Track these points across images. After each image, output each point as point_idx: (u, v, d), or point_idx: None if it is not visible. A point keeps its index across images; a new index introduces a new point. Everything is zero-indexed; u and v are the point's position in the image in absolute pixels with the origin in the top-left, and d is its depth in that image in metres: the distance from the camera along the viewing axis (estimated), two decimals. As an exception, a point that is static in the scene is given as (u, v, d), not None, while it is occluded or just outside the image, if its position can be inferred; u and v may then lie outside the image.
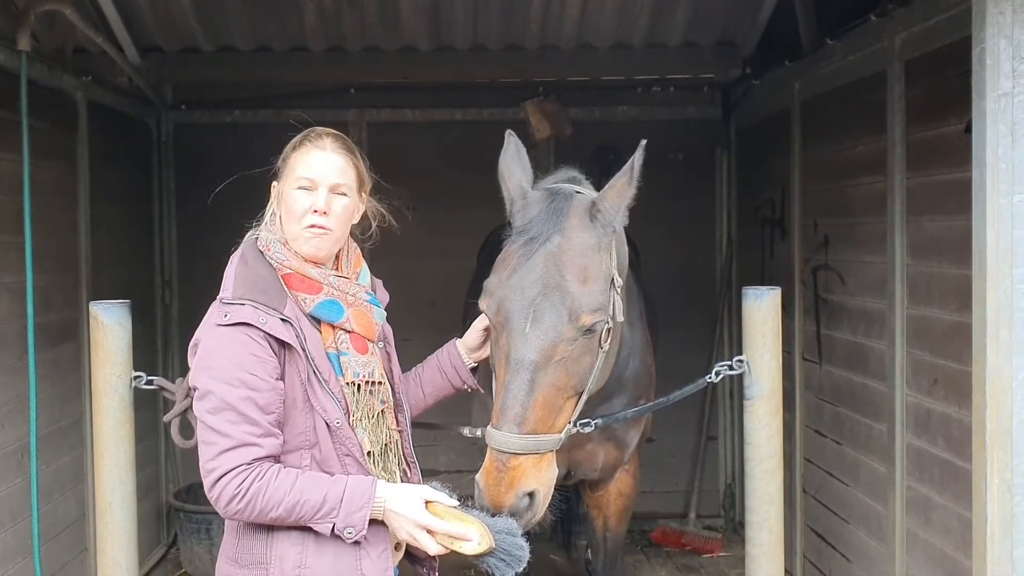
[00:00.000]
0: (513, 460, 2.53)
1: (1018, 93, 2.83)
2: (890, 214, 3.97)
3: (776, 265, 5.52)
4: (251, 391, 2.19)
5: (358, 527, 2.20)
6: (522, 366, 2.56)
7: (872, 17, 4.06)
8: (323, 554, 2.24)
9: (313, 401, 2.27)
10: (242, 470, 2.17)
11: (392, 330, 2.62)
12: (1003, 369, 2.86)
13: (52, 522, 4.53)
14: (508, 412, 2.55)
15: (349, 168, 2.39)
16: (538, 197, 2.83)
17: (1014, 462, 2.88)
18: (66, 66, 4.87)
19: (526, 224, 2.75)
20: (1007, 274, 2.85)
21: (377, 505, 2.22)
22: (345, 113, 6.28)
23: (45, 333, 4.45)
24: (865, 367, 4.32)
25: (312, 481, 2.21)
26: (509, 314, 2.63)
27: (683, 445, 6.48)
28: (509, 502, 2.53)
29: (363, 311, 2.41)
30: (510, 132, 2.94)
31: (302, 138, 2.41)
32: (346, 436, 2.29)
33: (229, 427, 2.17)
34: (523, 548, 2.33)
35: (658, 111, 6.40)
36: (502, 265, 2.73)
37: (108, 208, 5.30)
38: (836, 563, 4.73)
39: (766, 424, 3.22)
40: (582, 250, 2.70)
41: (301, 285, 2.33)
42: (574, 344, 2.63)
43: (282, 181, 2.41)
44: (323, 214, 2.32)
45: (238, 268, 2.34)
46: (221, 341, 2.23)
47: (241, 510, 2.18)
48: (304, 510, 2.19)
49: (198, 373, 2.25)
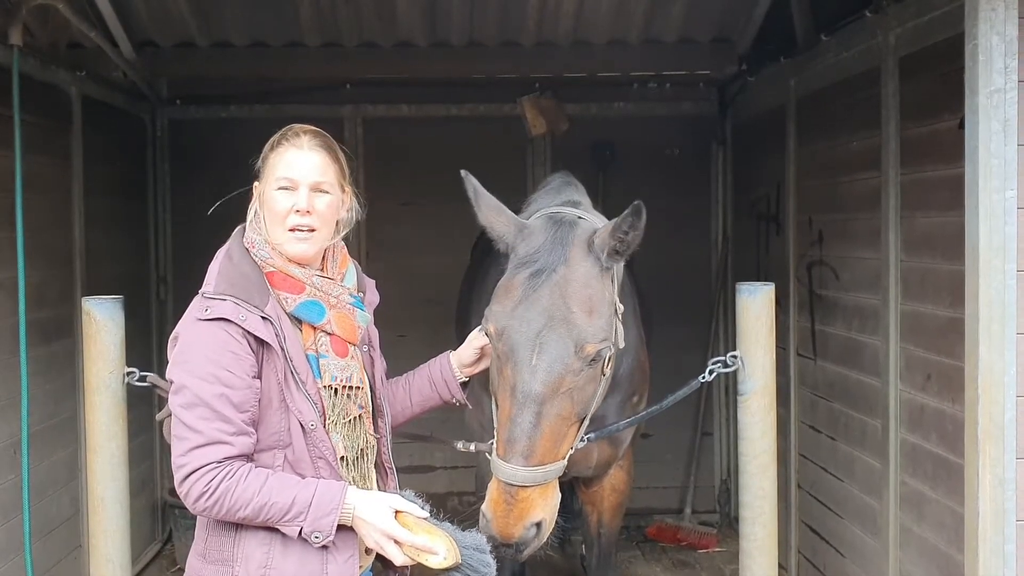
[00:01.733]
0: (522, 492, 2.55)
1: (1010, 89, 2.84)
2: (884, 210, 3.97)
3: (771, 261, 5.52)
4: (226, 388, 2.18)
5: (325, 532, 2.20)
6: (529, 398, 2.57)
7: (867, 14, 4.06)
8: (289, 556, 2.23)
9: (289, 402, 2.25)
10: (212, 468, 2.16)
11: (382, 330, 2.61)
12: (995, 364, 2.87)
13: (46, 519, 4.53)
14: (516, 445, 2.55)
15: (329, 165, 2.36)
16: (540, 226, 2.80)
17: (1006, 457, 2.89)
18: (60, 61, 4.85)
19: (530, 254, 2.72)
20: (999, 269, 2.86)
21: (346, 511, 2.22)
22: (341, 109, 6.28)
23: (39, 329, 4.44)
24: (859, 363, 4.33)
25: (282, 483, 2.20)
26: (515, 345, 2.62)
27: (679, 441, 6.49)
28: (518, 534, 2.56)
29: (345, 314, 2.38)
30: (466, 174, 2.85)
31: (279, 137, 2.38)
32: (320, 439, 2.28)
33: (202, 423, 2.16)
34: (490, 565, 2.31)
35: (654, 107, 6.40)
36: (505, 294, 2.71)
37: (102, 204, 5.29)
38: (831, 558, 4.74)
39: (760, 419, 3.23)
40: (586, 280, 2.69)
41: (284, 284, 2.31)
42: (580, 375, 2.63)
43: (262, 182, 2.38)
44: (306, 213, 2.30)
45: (222, 264, 2.33)
46: (200, 336, 2.22)
47: (209, 508, 2.18)
48: (272, 512, 2.18)
49: (175, 367, 2.24)
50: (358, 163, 6.31)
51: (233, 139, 5.31)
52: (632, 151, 6.32)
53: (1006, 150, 2.86)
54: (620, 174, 6.18)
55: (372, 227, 6.25)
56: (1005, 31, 2.83)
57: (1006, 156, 2.86)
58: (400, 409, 2.71)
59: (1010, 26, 2.83)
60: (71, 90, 4.92)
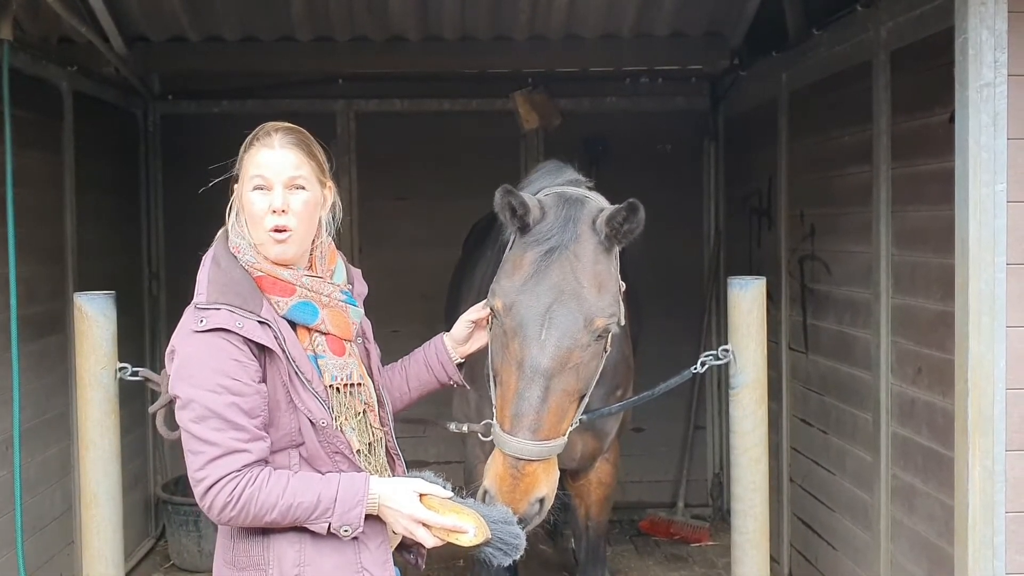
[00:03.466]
0: (528, 467, 2.55)
1: (1000, 83, 2.85)
2: (875, 204, 3.98)
3: (763, 255, 5.53)
4: (235, 396, 2.16)
5: (354, 525, 2.20)
6: (538, 372, 2.57)
7: (858, 7, 4.06)
8: (322, 550, 2.23)
9: (296, 402, 2.24)
10: (232, 477, 2.14)
11: (376, 326, 2.60)
12: (985, 357, 2.88)
13: (38, 515, 4.52)
14: (524, 419, 2.55)
15: (304, 161, 2.32)
16: (549, 203, 2.80)
17: (995, 450, 2.90)
18: (51, 56, 4.84)
19: (543, 231, 2.72)
20: (989, 263, 2.87)
21: (371, 502, 2.22)
22: (333, 103, 6.27)
23: (31, 325, 4.43)
24: (851, 356, 4.34)
25: (304, 482, 2.19)
26: (524, 320, 2.62)
27: (671, 435, 6.50)
28: (524, 509, 2.56)
29: (339, 311, 2.36)
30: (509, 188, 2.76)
31: (252, 137, 2.35)
32: (333, 435, 2.27)
33: (216, 435, 2.14)
34: (519, 536, 2.33)
35: (647, 102, 6.41)
36: (515, 269, 2.70)
37: (94, 199, 5.28)
38: (823, 551, 4.76)
39: (751, 413, 3.24)
40: (595, 257, 2.71)
41: (274, 288, 2.28)
42: (587, 350, 2.64)
43: (239, 184, 2.35)
44: (282, 213, 2.27)
45: (211, 272, 2.29)
46: (199, 348, 2.18)
47: (235, 517, 2.17)
48: (299, 512, 2.17)
49: (178, 382, 2.20)
50: (350, 158, 6.31)
51: (226, 134, 5.28)
52: (625, 145, 6.32)
53: (996, 143, 2.87)
54: (613, 168, 6.18)
55: (365, 222, 6.25)
56: (995, 25, 2.84)
57: (996, 149, 2.87)
58: (398, 396, 2.71)
59: (1000, 20, 2.84)
60: (62, 85, 4.91)
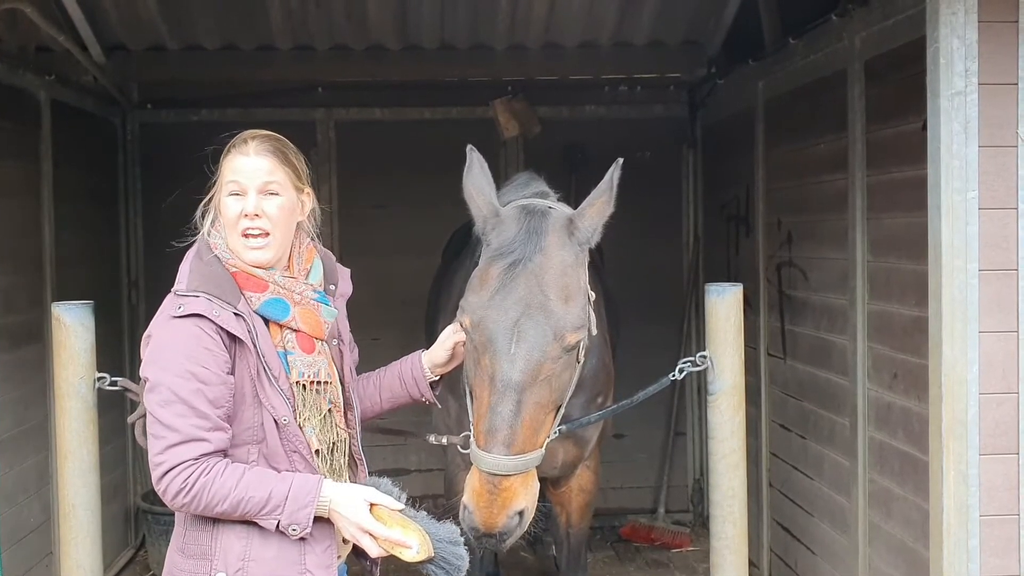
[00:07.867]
0: (504, 481, 2.55)
1: (971, 92, 2.89)
2: (851, 211, 4.03)
3: (741, 262, 5.58)
4: (201, 384, 2.21)
5: (302, 525, 2.24)
6: (509, 387, 2.57)
7: (833, 17, 4.11)
8: (268, 547, 2.27)
9: (262, 397, 2.29)
10: (189, 465, 2.19)
11: (356, 333, 2.63)
12: (958, 362, 2.92)
13: (16, 526, 4.49)
14: (497, 434, 2.55)
15: (278, 167, 2.38)
16: (512, 215, 2.80)
17: (969, 454, 2.93)
18: (28, 65, 4.81)
19: (504, 245, 2.72)
20: (961, 269, 2.91)
21: (322, 504, 2.26)
22: (313, 112, 6.27)
23: (8, 334, 4.40)
24: (828, 362, 4.38)
25: (258, 477, 2.24)
26: (493, 335, 2.61)
27: (651, 441, 6.53)
28: (502, 523, 2.56)
29: (310, 309, 2.41)
30: (471, 148, 2.89)
31: (229, 145, 2.42)
32: (293, 433, 2.32)
33: (178, 420, 2.19)
34: (463, 558, 2.35)
35: (625, 110, 6.45)
36: (481, 285, 2.70)
37: (73, 208, 5.25)
38: (801, 555, 4.80)
39: (729, 419, 3.27)
40: (562, 268, 2.70)
41: (248, 283, 2.35)
42: (557, 362, 2.64)
43: (216, 191, 2.42)
44: (254, 217, 2.33)
45: (193, 262, 2.37)
46: (174, 333, 2.24)
47: (187, 504, 2.22)
48: (249, 506, 2.22)
49: (149, 365, 2.26)
50: (331, 166, 6.30)
51: (205, 143, 5.27)
52: (604, 153, 6.24)
53: (967, 151, 2.92)
54: (592, 175, 6.15)
55: (345, 230, 6.24)
56: (965, 35, 2.88)
57: (967, 157, 2.92)
58: (369, 405, 2.74)
59: (970, 30, 2.89)
60: (40, 94, 4.88)
